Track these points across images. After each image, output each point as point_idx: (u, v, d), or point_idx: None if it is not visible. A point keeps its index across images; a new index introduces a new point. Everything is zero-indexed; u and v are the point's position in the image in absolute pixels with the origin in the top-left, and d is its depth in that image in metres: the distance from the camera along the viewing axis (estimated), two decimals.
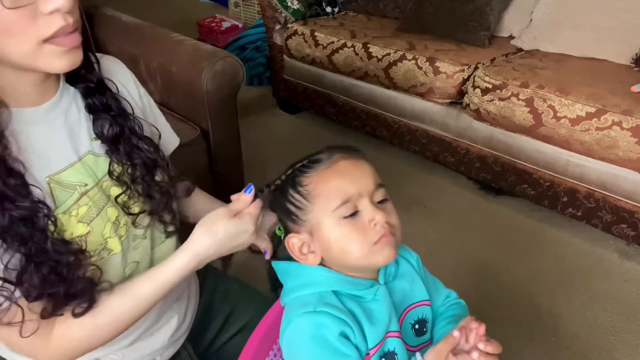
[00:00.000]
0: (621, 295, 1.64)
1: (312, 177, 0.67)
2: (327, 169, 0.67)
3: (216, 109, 1.53)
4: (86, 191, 0.70)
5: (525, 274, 1.72)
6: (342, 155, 0.68)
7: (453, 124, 2.06)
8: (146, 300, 0.70)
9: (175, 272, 0.70)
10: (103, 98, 0.73)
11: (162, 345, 0.83)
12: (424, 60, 2.05)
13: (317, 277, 0.69)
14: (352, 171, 0.67)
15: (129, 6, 2.70)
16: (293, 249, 0.69)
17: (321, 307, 0.64)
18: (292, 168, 0.69)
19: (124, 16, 1.75)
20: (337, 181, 0.66)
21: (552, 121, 1.73)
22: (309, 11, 2.62)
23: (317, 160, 0.68)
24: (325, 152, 0.69)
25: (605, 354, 1.45)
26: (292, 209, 0.69)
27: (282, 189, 0.70)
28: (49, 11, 0.57)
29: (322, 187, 0.66)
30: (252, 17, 3.83)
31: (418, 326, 0.73)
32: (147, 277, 0.70)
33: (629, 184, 1.66)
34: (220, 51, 1.54)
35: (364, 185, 0.66)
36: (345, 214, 0.65)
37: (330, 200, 0.65)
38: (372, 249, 0.65)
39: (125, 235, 0.74)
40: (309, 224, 0.68)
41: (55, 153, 0.68)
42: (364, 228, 0.65)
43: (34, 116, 0.67)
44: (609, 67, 1.94)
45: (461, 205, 2.08)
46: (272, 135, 2.58)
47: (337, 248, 0.66)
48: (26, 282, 0.60)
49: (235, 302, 0.97)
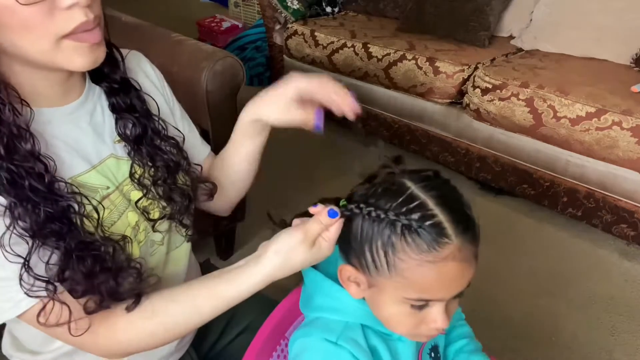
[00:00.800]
0: (621, 295, 1.64)
1: (411, 260, 0.56)
2: (430, 263, 0.55)
3: (216, 109, 1.53)
4: (107, 195, 0.68)
5: (525, 274, 1.72)
6: (456, 252, 0.55)
7: (453, 124, 2.06)
8: (203, 314, 0.65)
9: (242, 293, 0.64)
10: (127, 98, 0.71)
11: (169, 352, 0.82)
12: (424, 60, 2.05)
13: (349, 306, 0.64)
14: (454, 280, 0.58)
15: (129, 6, 2.69)
16: (342, 275, 0.63)
17: (343, 341, 0.61)
18: (396, 214, 0.56)
19: (124, 16, 1.75)
20: (431, 282, 0.57)
21: (552, 121, 1.73)
22: (309, 11, 2.62)
23: (432, 242, 0.55)
24: (446, 234, 0.55)
25: (605, 354, 1.45)
26: (369, 259, 0.59)
27: (368, 230, 0.58)
28: (67, 5, 0.55)
29: (413, 276, 0.56)
30: (252, 17, 3.83)
31: (433, 354, 0.72)
32: (210, 290, 0.65)
33: (629, 184, 1.66)
34: (220, 51, 1.54)
35: (454, 293, 0.59)
36: (414, 304, 0.58)
37: (411, 291, 0.58)
38: (413, 335, 0.63)
39: (144, 241, 0.72)
40: (374, 282, 0.60)
41: (78, 155, 0.67)
42: (421, 321, 0.60)
43: (57, 116, 0.65)
44: (609, 67, 1.94)
45: None
46: (272, 135, 2.57)
47: (384, 317, 0.62)
48: (70, 278, 0.58)
49: (236, 304, 0.97)
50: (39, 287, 0.57)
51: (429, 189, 0.58)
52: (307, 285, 0.69)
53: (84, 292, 0.60)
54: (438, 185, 0.59)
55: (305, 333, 0.64)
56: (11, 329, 0.76)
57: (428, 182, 0.59)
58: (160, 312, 0.65)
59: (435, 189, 0.58)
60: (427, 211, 0.55)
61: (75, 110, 0.67)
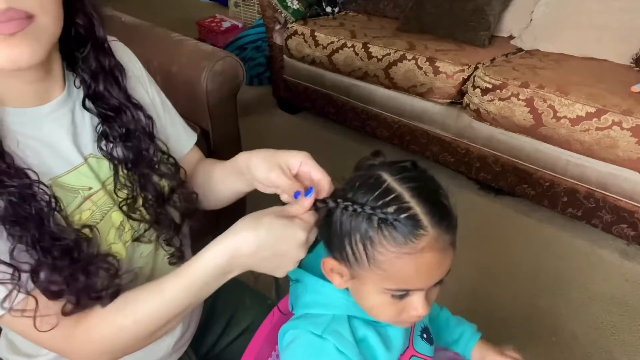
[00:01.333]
0: (621, 295, 1.64)
1: (389, 252, 0.56)
2: (408, 255, 0.56)
3: (216, 109, 1.53)
4: (89, 195, 0.66)
5: (525, 274, 1.72)
6: (432, 242, 0.56)
7: (453, 124, 2.06)
8: (173, 300, 0.61)
9: (202, 267, 0.60)
10: (122, 126, 0.67)
11: (166, 352, 0.81)
12: (424, 60, 2.05)
13: (335, 300, 0.65)
14: (432, 270, 0.58)
15: (129, 6, 2.69)
16: (325, 268, 0.64)
17: (328, 334, 0.62)
18: (373, 208, 0.56)
19: (124, 16, 1.75)
20: (409, 273, 0.57)
21: (552, 121, 1.73)
22: (309, 11, 2.62)
23: (408, 235, 0.55)
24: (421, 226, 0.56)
25: (605, 354, 1.45)
26: (349, 253, 0.60)
27: (347, 223, 0.59)
28: None
29: (392, 268, 0.57)
30: (252, 17, 3.83)
31: (425, 335, 0.73)
32: (174, 274, 0.62)
33: (629, 184, 1.66)
34: (220, 51, 1.54)
35: (432, 282, 0.60)
36: (395, 294, 0.60)
37: (391, 282, 0.58)
38: (397, 322, 0.63)
39: (130, 240, 0.70)
40: (356, 273, 0.61)
41: (59, 155, 0.65)
42: (403, 309, 0.61)
43: (36, 116, 0.63)
44: (609, 67, 1.94)
45: (461, 205, 2.05)
46: (272, 135, 2.58)
47: (367, 307, 0.63)
48: (42, 275, 0.57)
49: (236, 305, 0.96)
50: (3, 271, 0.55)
51: (405, 181, 0.58)
52: (294, 284, 0.70)
53: (59, 294, 0.58)
54: (414, 176, 0.59)
55: (293, 326, 0.66)
56: (7, 333, 0.75)
57: (405, 174, 0.59)
58: (130, 301, 0.62)
59: (412, 181, 0.58)
60: (403, 204, 0.56)
61: (56, 109, 0.65)
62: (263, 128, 2.61)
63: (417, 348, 0.70)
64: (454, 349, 0.84)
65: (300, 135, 2.59)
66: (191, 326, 0.86)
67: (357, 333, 0.64)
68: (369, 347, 0.64)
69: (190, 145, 0.86)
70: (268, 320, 0.77)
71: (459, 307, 0.89)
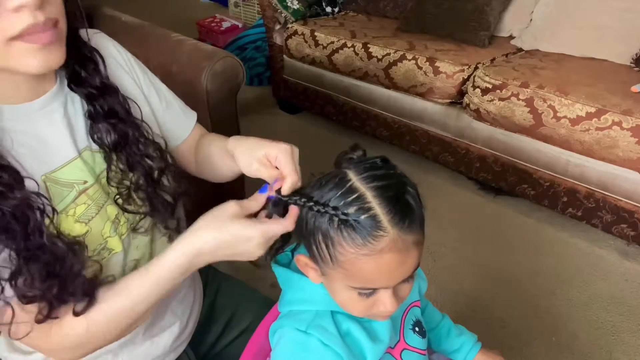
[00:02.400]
0: (621, 295, 1.64)
1: (349, 253, 0.56)
2: (367, 256, 0.55)
3: (216, 109, 1.53)
4: (85, 189, 0.67)
5: (525, 274, 1.72)
6: (392, 244, 0.55)
7: (453, 124, 2.06)
8: (140, 297, 0.64)
9: (167, 266, 0.63)
10: (105, 104, 0.69)
11: (164, 351, 0.82)
12: (424, 60, 2.05)
13: (317, 295, 0.66)
14: (394, 270, 0.57)
15: (129, 6, 2.69)
16: (298, 262, 0.65)
17: (312, 329, 0.62)
18: (335, 210, 0.56)
19: (124, 16, 1.75)
20: (370, 273, 0.57)
21: (552, 121, 1.73)
22: (309, 11, 2.62)
23: (366, 236, 0.55)
24: (380, 227, 0.55)
25: (605, 354, 1.45)
26: (315, 251, 0.60)
27: (311, 222, 0.59)
28: (14, 7, 0.53)
29: (353, 268, 0.57)
30: (252, 17, 3.83)
31: (418, 328, 0.73)
32: (140, 272, 0.65)
33: (629, 184, 1.66)
34: (220, 51, 1.54)
35: (397, 281, 0.59)
36: (361, 292, 0.60)
37: (354, 281, 0.59)
38: (369, 316, 0.64)
39: (126, 233, 0.71)
40: (324, 271, 0.62)
41: (53, 149, 0.65)
42: (372, 304, 0.61)
43: (28, 111, 0.63)
44: (609, 67, 1.94)
45: (461, 205, 2.08)
46: (272, 135, 2.55)
47: (339, 302, 0.64)
48: (20, 282, 0.57)
49: (236, 305, 0.96)
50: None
51: (370, 180, 0.57)
52: (280, 283, 0.71)
53: (32, 299, 0.58)
54: (381, 175, 0.58)
55: (279, 324, 0.67)
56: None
57: (371, 172, 0.58)
58: (100, 300, 0.64)
59: (377, 180, 0.57)
60: (364, 204, 0.55)
61: (47, 104, 0.65)
62: (263, 128, 2.61)
63: (408, 341, 0.71)
64: (454, 358, 0.84)
65: (300, 135, 2.59)
66: (189, 325, 0.86)
67: (341, 327, 0.65)
68: (354, 340, 0.65)
69: (191, 127, 0.87)
70: (266, 320, 0.77)
71: (459, 307, 0.90)
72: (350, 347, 0.64)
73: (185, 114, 0.88)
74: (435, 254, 1.80)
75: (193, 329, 0.88)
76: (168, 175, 0.76)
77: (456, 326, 0.86)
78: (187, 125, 0.87)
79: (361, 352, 0.64)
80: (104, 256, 0.69)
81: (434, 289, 1.63)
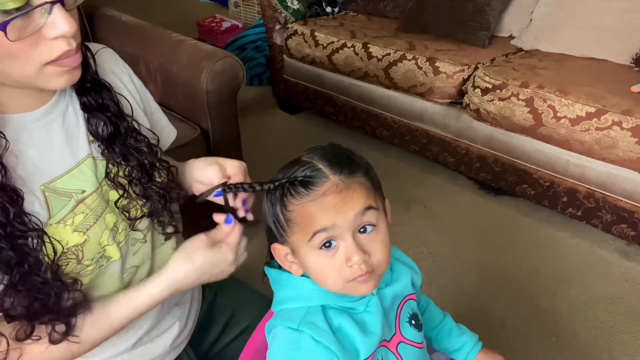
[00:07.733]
0: (621, 295, 1.64)
1: (296, 206, 0.62)
2: (312, 201, 0.61)
3: (216, 109, 1.53)
4: (83, 198, 0.67)
5: (525, 274, 1.72)
6: (333, 186, 0.61)
7: (453, 124, 2.06)
8: (119, 323, 0.70)
9: (149, 298, 0.70)
10: (98, 97, 0.71)
11: (164, 351, 0.82)
12: (424, 60, 2.05)
13: (306, 291, 0.67)
14: (338, 206, 0.61)
15: (129, 6, 2.69)
16: (278, 255, 0.68)
17: (304, 326, 0.63)
18: (287, 180, 0.63)
19: (124, 16, 1.75)
20: (316, 214, 0.61)
21: (552, 121, 1.73)
22: (309, 11, 2.62)
23: (308, 185, 0.61)
24: (321, 175, 0.62)
25: (605, 354, 1.45)
26: (277, 226, 0.66)
27: (272, 200, 0.65)
28: (53, 37, 0.57)
29: (301, 217, 0.62)
30: (252, 17, 3.83)
31: (414, 321, 0.73)
32: (120, 302, 0.69)
33: (629, 184, 1.66)
34: (220, 51, 1.54)
35: (345, 218, 0.61)
36: (318, 245, 0.62)
37: (307, 231, 0.62)
38: (347, 285, 0.63)
39: (124, 241, 0.72)
40: (291, 245, 0.65)
41: (52, 159, 0.66)
42: (340, 264, 0.62)
43: (28, 121, 0.64)
44: (609, 67, 1.94)
45: (461, 205, 2.08)
46: (272, 135, 2.58)
47: (313, 275, 0.65)
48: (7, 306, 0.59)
49: (236, 305, 0.97)
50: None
51: (318, 152, 0.65)
52: (271, 284, 0.72)
53: (15, 318, 0.60)
54: (327, 148, 0.65)
55: (273, 323, 0.68)
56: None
57: (319, 148, 0.65)
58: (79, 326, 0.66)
59: (322, 150, 0.65)
60: (309, 164, 0.63)
61: (47, 114, 0.66)
62: (263, 128, 2.61)
63: (404, 334, 0.71)
64: (454, 358, 0.84)
65: (300, 135, 2.59)
66: (189, 325, 0.87)
67: (332, 322, 0.65)
68: (345, 335, 0.65)
69: (171, 140, 0.93)
70: (265, 319, 0.77)
71: (459, 307, 0.90)
72: (342, 342, 0.64)
73: (170, 127, 0.93)
74: (435, 254, 1.80)
75: (192, 328, 0.88)
76: (160, 171, 0.77)
77: (458, 325, 0.86)
78: (167, 139, 0.92)
79: (353, 346, 0.65)
80: (102, 264, 0.69)
81: (434, 289, 1.63)
